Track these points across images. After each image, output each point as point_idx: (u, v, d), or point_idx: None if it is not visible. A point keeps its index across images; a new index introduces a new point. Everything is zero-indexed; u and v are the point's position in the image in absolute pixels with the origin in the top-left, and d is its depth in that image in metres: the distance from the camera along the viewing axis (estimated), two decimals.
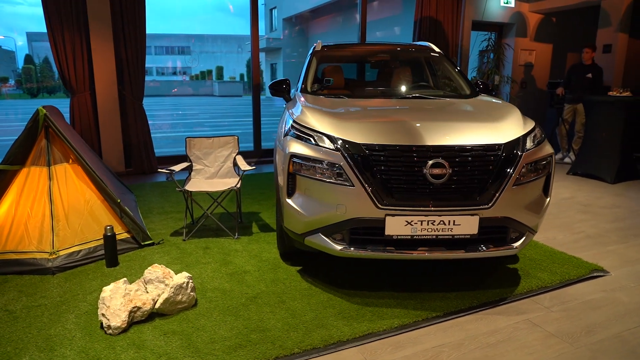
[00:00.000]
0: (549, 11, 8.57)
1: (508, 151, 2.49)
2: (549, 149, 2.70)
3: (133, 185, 5.28)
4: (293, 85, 3.98)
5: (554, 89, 7.58)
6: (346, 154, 2.44)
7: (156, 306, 2.41)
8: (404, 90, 3.84)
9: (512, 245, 2.58)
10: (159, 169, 3.66)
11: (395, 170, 2.42)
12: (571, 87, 6.94)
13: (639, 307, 2.61)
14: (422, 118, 2.66)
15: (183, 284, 2.47)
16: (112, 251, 3.05)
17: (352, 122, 2.62)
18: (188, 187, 3.55)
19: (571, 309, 2.58)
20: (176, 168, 3.56)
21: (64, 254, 3.01)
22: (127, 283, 2.60)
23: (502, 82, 8.52)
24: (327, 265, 3.07)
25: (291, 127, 2.79)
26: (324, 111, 2.83)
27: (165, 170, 3.46)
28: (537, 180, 2.61)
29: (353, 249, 2.50)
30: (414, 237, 2.45)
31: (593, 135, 5.94)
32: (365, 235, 2.52)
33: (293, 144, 2.65)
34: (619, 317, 2.49)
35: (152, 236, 3.56)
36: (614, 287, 2.85)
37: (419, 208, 2.40)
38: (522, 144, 2.56)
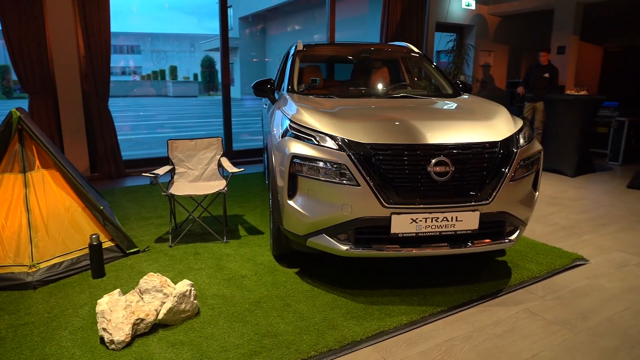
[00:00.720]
0: (506, 14, 8.98)
1: (505, 148, 2.58)
2: (538, 145, 2.82)
3: (102, 191, 5.02)
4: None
5: (513, 88, 7.97)
6: (351, 153, 2.44)
7: (159, 317, 2.30)
8: (388, 89, 3.89)
9: (509, 238, 2.68)
10: (143, 174, 3.49)
11: (400, 169, 2.44)
12: (529, 86, 7.31)
13: (621, 291, 2.78)
14: (420, 117, 2.70)
15: (186, 292, 2.37)
16: (98, 261, 2.88)
17: (354, 122, 2.62)
18: (172, 191, 3.42)
19: (563, 297, 2.71)
20: (160, 172, 3.42)
21: (45, 267, 2.81)
22: (121, 294, 2.48)
23: (466, 81, 8.85)
24: (324, 266, 3.05)
25: (289, 127, 2.75)
26: (321, 111, 2.81)
27: (149, 174, 3.31)
28: (529, 176, 2.73)
29: (360, 249, 2.50)
30: (419, 234, 2.49)
31: (554, 131, 6.28)
32: (369, 234, 2.53)
33: (294, 144, 2.61)
34: (606, 302, 2.65)
35: (136, 243, 3.39)
36: (596, 274, 3.02)
37: (424, 205, 2.44)
38: (516, 141, 2.66)
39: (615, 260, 3.25)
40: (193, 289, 2.43)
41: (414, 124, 2.61)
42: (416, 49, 4.24)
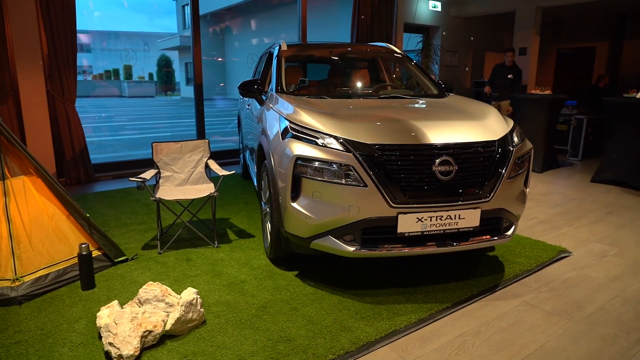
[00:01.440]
0: (470, 15, 9.29)
1: (502, 147, 2.67)
2: (529, 144, 2.94)
3: (73, 197, 4.74)
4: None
5: (479, 87, 8.25)
6: (358, 154, 2.44)
7: (167, 327, 2.20)
8: (374, 89, 3.91)
9: (506, 234, 2.77)
10: (130, 178, 3.34)
11: (406, 169, 2.46)
12: (495, 85, 7.60)
13: (607, 281, 2.95)
14: (419, 117, 2.74)
15: (193, 300, 2.29)
16: (88, 272, 2.72)
17: (356, 123, 2.62)
18: (160, 196, 3.29)
19: (556, 288, 2.83)
20: (147, 176, 3.28)
21: (30, 280, 2.63)
22: (120, 306, 2.36)
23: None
24: (324, 267, 3.04)
25: (289, 128, 2.71)
26: (320, 112, 2.79)
27: (136, 179, 3.17)
28: (523, 173, 2.83)
29: (367, 250, 2.50)
30: (424, 233, 2.52)
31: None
32: (375, 234, 2.54)
33: (297, 145, 2.57)
34: (596, 291, 2.79)
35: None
36: (581, 265, 3.18)
37: (429, 205, 2.48)
38: (511, 139, 2.76)
39: (595, 252, 3.44)
40: (199, 296, 2.34)
41: (415, 124, 2.64)
42: (398, 50, 4.30)
